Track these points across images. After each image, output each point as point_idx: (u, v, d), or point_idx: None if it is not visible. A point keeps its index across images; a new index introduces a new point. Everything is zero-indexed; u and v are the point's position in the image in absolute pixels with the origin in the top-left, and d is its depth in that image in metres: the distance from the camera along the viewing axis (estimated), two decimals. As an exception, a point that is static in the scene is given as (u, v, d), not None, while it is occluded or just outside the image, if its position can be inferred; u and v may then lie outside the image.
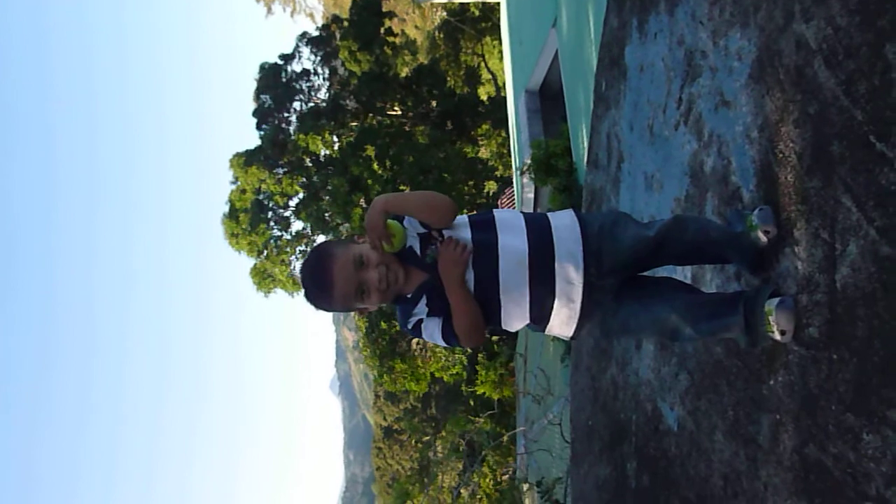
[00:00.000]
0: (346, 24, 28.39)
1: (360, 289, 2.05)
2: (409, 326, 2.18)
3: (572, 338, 2.24)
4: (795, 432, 2.08)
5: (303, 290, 2.18)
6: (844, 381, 1.87)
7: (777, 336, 2.06)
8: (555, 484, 7.44)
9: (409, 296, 2.15)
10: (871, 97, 1.82)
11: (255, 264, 26.84)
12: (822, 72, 2.03)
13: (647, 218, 3.47)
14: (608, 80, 4.40)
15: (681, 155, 3.10)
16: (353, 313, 2.42)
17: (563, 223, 2.15)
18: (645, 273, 2.29)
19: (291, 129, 26.94)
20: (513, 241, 2.10)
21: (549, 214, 2.20)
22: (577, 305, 2.10)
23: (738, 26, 2.59)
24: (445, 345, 2.18)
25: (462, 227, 2.14)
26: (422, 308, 2.14)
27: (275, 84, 27.74)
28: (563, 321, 2.15)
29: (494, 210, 2.26)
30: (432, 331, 2.15)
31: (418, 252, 2.11)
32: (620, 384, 3.85)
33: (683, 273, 3.02)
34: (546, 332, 2.22)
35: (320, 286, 2.08)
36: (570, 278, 2.07)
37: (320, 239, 27.19)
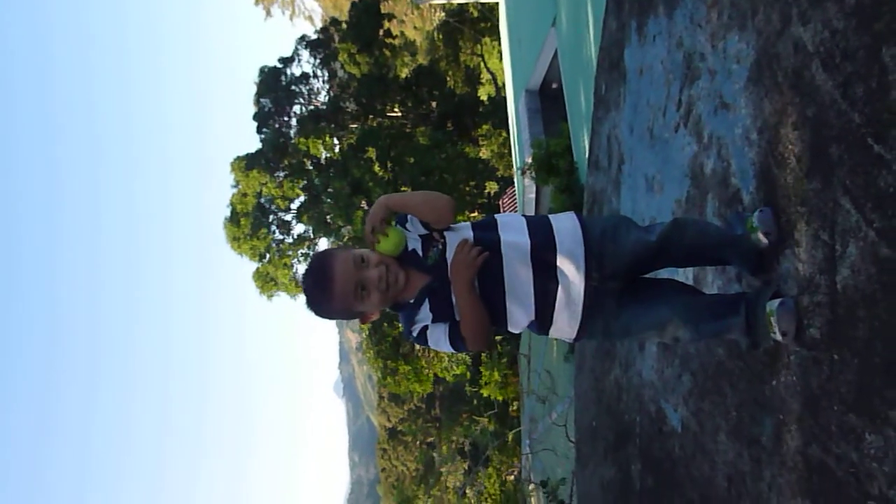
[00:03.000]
0: (344, 26, 28.41)
1: (359, 286, 2.05)
2: (415, 334, 2.17)
3: (575, 340, 2.24)
4: (798, 433, 2.10)
5: (304, 297, 2.17)
6: (846, 381, 1.88)
7: (778, 337, 2.07)
8: (559, 484, 7.45)
9: (411, 301, 2.15)
10: (869, 100, 1.83)
11: (258, 268, 26.88)
12: (819, 74, 2.04)
13: (649, 220, 3.48)
14: (608, 82, 4.42)
15: (681, 157, 3.11)
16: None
17: (565, 226, 2.16)
18: (646, 275, 2.30)
19: (292, 132, 26.98)
20: (515, 237, 2.11)
21: (550, 217, 2.21)
22: (579, 307, 2.11)
23: (737, 29, 2.60)
24: (453, 350, 2.19)
25: (464, 228, 2.16)
26: (425, 313, 2.14)
27: (275, 87, 27.78)
28: (565, 322, 2.15)
29: (496, 215, 2.28)
30: (438, 337, 2.15)
31: (420, 254, 2.13)
32: (624, 385, 3.87)
33: (685, 274, 3.04)
34: (550, 335, 2.23)
35: (320, 284, 2.08)
36: (572, 278, 2.09)
37: (322, 242, 27.21)
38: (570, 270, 2.08)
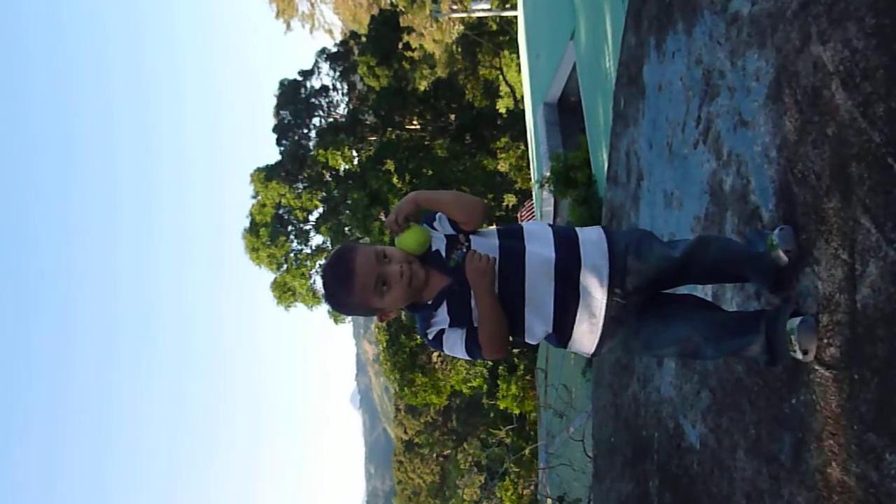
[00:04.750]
0: (364, 39, 28.60)
1: (380, 281, 2.04)
2: (430, 337, 2.17)
3: (593, 355, 2.24)
4: (818, 451, 2.09)
5: (323, 290, 2.18)
6: (866, 400, 1.88)
7: (799, 355, 2.07)
8: (576, 500, 7.41)
9: (429, 302, 2.14)
10: (889, 119, 1.84)
11: (276, 278, 27.02)
12: (839, 94, 2.05)
13: (668, 236, 3.48)
14: (626, 97, 4.43)
15: (700, 173, 3.12)
16: (373, 325, 2.42)
17: (591, 238, 2.16)
18: (667, 291, 2.31)
19: (311, 144, 27.14)
20: (540, 249, 2.11)
21: (577, 229, 2.21)
22: (600, 321, 2.11)
23: (756, 47, 2.62)
24: (468, 357, 2.17)
25: (490, 234, 2.17)
26: (442, 316, 2.13)
27: (294, 100, 27.98)
28: (584, 336, 2.15)
29: (523, 222, 2.28)
30: (454, 342, 2.14)
31: (443, 255, 2.12)
32: (642, 401, 3.86)
33: (704, 291, 3.04)
34: (567, 349, 2.23)
35: (341, 277, 2.07)
36: (594, 292, 2.09)
37: (340, 253, 27.28)
38: (593, 285, 2.09)
